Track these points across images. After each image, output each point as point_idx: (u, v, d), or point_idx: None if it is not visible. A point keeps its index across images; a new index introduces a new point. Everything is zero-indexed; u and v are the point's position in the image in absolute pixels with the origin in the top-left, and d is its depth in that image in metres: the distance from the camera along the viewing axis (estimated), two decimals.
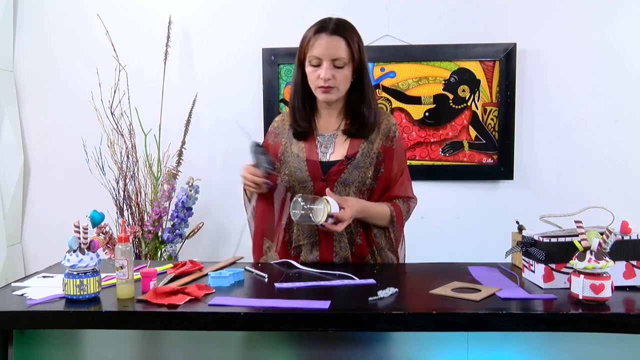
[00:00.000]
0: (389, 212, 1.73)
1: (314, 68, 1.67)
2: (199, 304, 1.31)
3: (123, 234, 1.38)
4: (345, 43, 1.65)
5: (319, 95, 1.70)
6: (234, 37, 2.77)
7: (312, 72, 1.67)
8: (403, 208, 1.77)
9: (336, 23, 1.67)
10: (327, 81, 1.65)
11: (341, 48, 1.64)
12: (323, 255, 1.72)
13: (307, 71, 1.69)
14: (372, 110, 1.74)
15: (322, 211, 1.57)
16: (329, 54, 1.64)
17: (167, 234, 2.55)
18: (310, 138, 1.76)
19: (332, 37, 1.64)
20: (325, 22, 1.67)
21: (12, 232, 2.82)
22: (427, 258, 1.87)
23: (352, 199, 1.67)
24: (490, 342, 1.35)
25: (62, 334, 1.40)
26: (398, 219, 1.75)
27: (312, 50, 1.65)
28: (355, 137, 1.74)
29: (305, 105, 1.76)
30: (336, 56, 1.64)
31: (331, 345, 1.38)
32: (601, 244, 1.28)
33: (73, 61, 2.80)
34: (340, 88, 1.68)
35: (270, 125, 1.88)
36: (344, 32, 1.66)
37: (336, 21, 1.68)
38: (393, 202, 1.76)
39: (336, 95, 1.70)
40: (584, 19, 2.66)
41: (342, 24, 1.68)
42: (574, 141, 2.71)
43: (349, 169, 1.71)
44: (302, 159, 1.73)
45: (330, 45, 1.64)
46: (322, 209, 1.57)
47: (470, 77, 2.69)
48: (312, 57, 1.65)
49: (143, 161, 2.64)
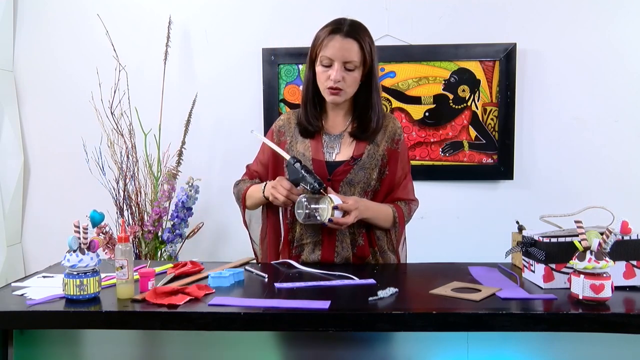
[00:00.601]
0: (392, 214, 1.74)
1: (324, 68, 1.67)
2: (199, 304, 1.31)
3: (123, 234, 1.38)
4: (358, 46, 1.65)
5: (326, 96, 1.70)
6: (234, 37, 2.77)
7: (323, 72, 1.67)
8: (405, 210, 1.78)
9: (351, 25, 1.66)
10: (336, 83, 1.65)
11: (354, 51, 1.64)
12: (325, 255, 1.72)
13: (318, 70, 1.69)
14: (377, 114, 1.74)
15: (326, 210, 1.57)
16: (341, 56, 1.63)
17: (167, 234, 2.55)
18: (317, 137, 1.76)
19: (346, 39, 1.64)
20: (340, 23, 1.66)
21: (12, 232, 2.82)
22: (427, 258, 1.87)
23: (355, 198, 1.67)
24: (490, 342, 1.34)
25: (62, 334, 1.40)
26: (400, 220, 1.76)
27: (324, 50, 1.65)
28: (360, 140, 1.74)
29: (316, 104, 1.76)
30: (348, 59, 1.64)
31: (331, 345, 1.38)
32: (601, 244, 1.27)
33: (73, 61, 2.80)
34: (348, 91, 1.69)
35: (274, 123, 1.87)
36: (357, 34, 1.65)
37: (351, 23, 1.67)
38: (395, 204, 1.76)
39: (343, 98, 1.70)
40: (584, 19, 2.66)
41: (357, 26, 1.68)
42: (574, 141, 2.71)
43: (355, 169, 1.71)
44: (308, 157, 1.73)
45: (343, 48, 1.63)
46: (326, 208, 1.57)
47: (470, 77, 2.69)
48: (324, 57, 1.65)
49: (143, 161, 2.64)
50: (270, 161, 1.81)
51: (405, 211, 1.78)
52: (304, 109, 1.77)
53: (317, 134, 1.76)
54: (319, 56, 1.67)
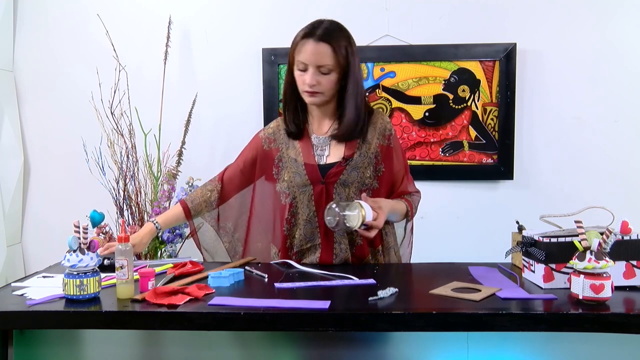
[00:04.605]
0: (405, 208, 1.76)
1: (300, 72, 1.67)
2: (199, 304, 1.31)
3: (123, 234, 1.38)
4: (332, 50, 1.63)
5: (305, 98, 1.70)
6: (234, 37, 2.77)
7: (299, 76, 1.68)
8: (413, 202, 1.80)
9: (325, 29, 1.65)
10: (312, 86, 1.65)
11: (327, 55, 1.63)
12: (323, 257, 1.72)
13: (295, 74, 1.69)
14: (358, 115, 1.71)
15: (356, 217, 1.54)
16: (314, 60, 1.63)
17: (167, 234, 2.55)
18: (306, 140, 1.76)
19: (319, 43, 1.63)
20: (314, 27, 1.65)
21: (12, 232, 2.82)
22: (427, 258, 1.87)
23: (383, 200, 1.67)
24: (490, 342, 1.35)
25: (62, 334, 1.40)
26: (411, 213, 1.79)
27: (298, 55, 1.65)
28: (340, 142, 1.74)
29: (297, 106, 1.77)
30: (321, 63, 1.63)
31: (331, 345, 1.38)
32: (601, 244, 1.28)
33: (73, 61, 2.80)
34: (326, 93, 1.68)
35: (262, 131, 1.87)
36: (330, 38, 1.63)
37: (326, 26, 1.66)
38: (404, 198, 1.78)
39: (321, 99, 1.70)
40: (584, 19, 2.66)
41: (331, 29, 1.66)
42: (574, 141, 2.71)
43: (348, 170, 1.71)
44: (300, 162, 1.73)
45: (315, 52, 1.63)
46: (357, 215, 1.54)
47: (470, 77, 2.69)
48: (299, 61, 1.66)
49: (143, 161, 2.63)
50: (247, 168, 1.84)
51: (414, 203, 1.80)
52: (284, 112, 1.78)
53: (305, 137, 1.76)
54: (295, 60, 1.67)
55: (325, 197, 1.70)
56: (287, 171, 1.74)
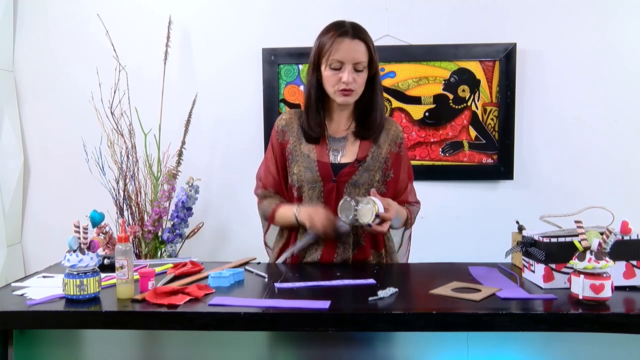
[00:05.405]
0: (406, 215, 1.78)
1: (334, 71, 1.67)
2: (199, 304, 1.31)
3: (123, 234, 1.38)
4: (366, 47, 1.67)
5: (337, 98, 1.70)
6: (234, 37, 2.77)
7: (333, 76, 1.67)
8: (412, 211, 1.82)
9: (356, 27, 1.68)
10: (349, 84, 1.66)
11: (362, 52, 1.66)
12: (325, 256, 1.73)
13: (326, 74, 1.68)
14: (381, 112, 1.77)
15: (370, 211, 1.57)
16: (351, 57, 1.65)
17: (167, 234, 2.55)
18: (322, 141, 1.77)
19: (354, 40, 1.66)
20: (343, 26, 1.67)
21: (12, 232, 2.82)
22: (427, 258, 1.87)
23: (390, 200, 1.69)
24: (490, 342, 1.35)
25: (62, 334, 1.40)
26: (410, 222, 1.81)
27: (335, 53, 1.65)
28: (365, 139, 1.76)
29: (319, 109, 1.77)
30: (358, 60, 1.66)
31: (331, 345, 1.38)
32: (601, 244, 1.28)
33: (73, 61, 2.80)
34: (358, 91, 1.70)
35: (276, 123, 1.85)
36: (365, 36, 1.68)
37: (354, 25, 1.69)
38: (404, 206, 1.79)
39: (354, 98, 1.71)
40: (584, 19, 2.66)
41: (360, 28, 1.70)
42: (574, 141, 2.71)
43: (360, 171, 1.72)
44: (313, 159, 1.73)
45: (352, 49, 1.65)
46: (371, 208, 1.57)
47: (470, 77, 2.69)
48: (334, 60, 1.66)
49: (143, 161, 2.63)
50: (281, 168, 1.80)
51: (413, 212, 1.82)
52: (307, 115, 1.76)
53: (321, 138, 1.77)
54: (329, 60, 1.66)
55: (336, 195, 1.71)
56: (297, 165, 1.75)
